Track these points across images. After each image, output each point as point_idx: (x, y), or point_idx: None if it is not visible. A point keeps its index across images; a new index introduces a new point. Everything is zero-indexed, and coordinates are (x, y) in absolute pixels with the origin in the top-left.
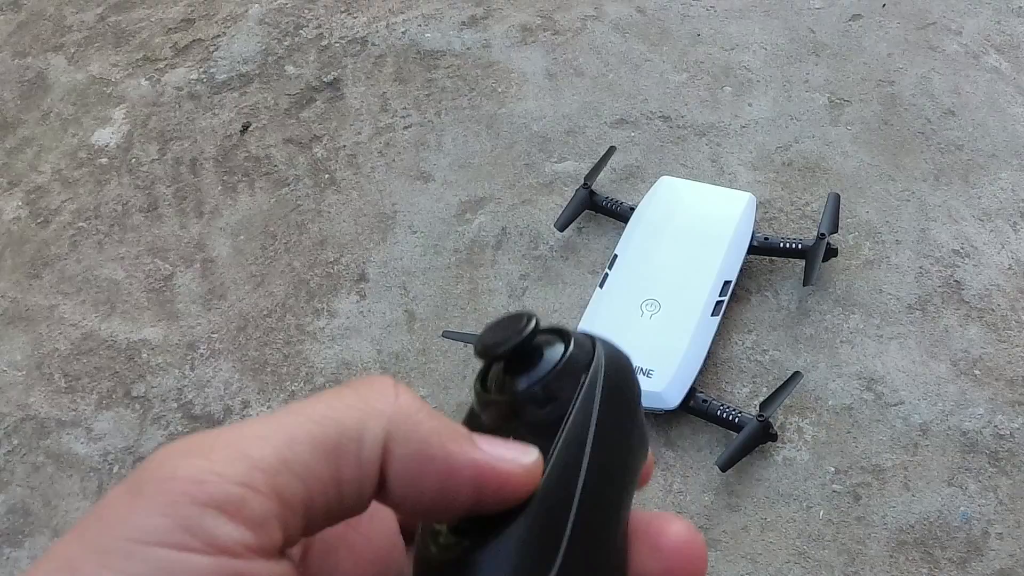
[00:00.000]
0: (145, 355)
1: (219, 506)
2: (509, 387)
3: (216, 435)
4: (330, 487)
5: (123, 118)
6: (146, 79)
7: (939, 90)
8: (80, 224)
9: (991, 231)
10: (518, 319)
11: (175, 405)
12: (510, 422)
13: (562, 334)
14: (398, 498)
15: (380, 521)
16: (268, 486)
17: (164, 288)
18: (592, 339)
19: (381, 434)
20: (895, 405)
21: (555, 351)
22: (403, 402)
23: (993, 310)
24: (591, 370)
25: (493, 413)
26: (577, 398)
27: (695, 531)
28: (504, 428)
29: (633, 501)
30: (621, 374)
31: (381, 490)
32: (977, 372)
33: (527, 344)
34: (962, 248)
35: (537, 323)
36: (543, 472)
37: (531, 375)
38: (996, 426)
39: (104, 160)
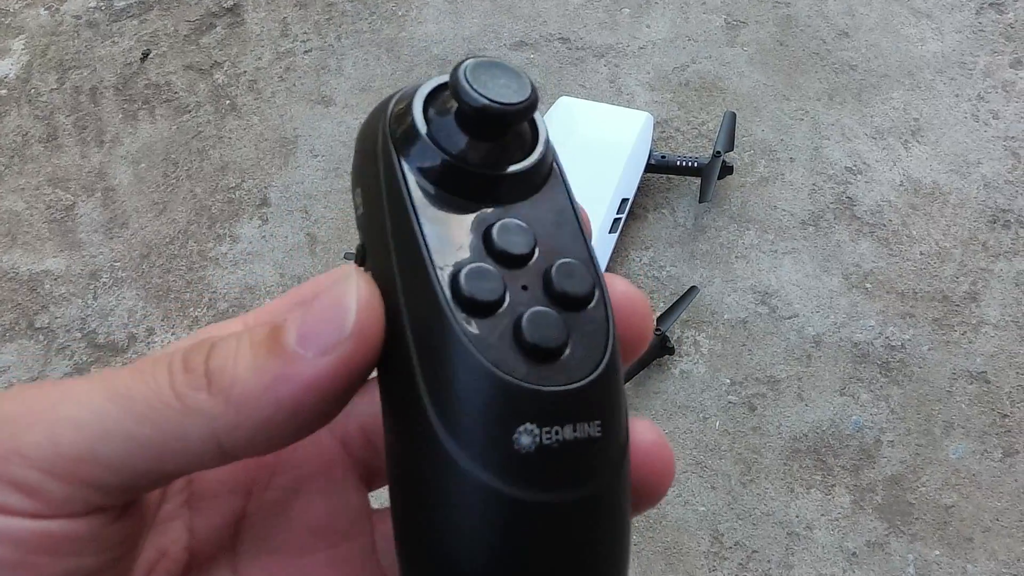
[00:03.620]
0: (48, 286)
1: (16, 485)
2: (493, 157)
3: (34, 409)
4: (151, 469)
5: (22, 48)
6: (45, 8)
7: (834, 12)
8: None
9: (883, 149)
10: (510, 73)
11: (79, 335)
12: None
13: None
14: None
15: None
16: (71, 475)
17: (66, 218)
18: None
19: (206, 436)
20: (789, 318)
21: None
22: (216, 403)
23: (884, 225)
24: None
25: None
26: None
27: (661, 435)
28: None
29: None
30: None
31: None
32: (868, 285)
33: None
34: (855, 165)
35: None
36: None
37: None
38: (887, 337)
39: (3, 92)
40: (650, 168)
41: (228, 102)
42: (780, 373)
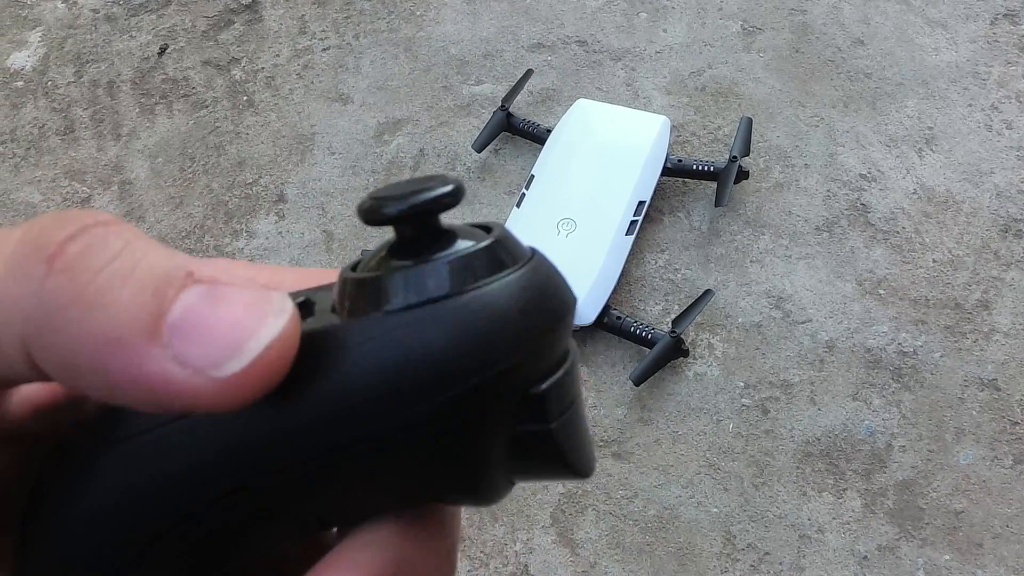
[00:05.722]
0: None
1: None
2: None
3: None
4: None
5: (39, 41)
6: (62, 1)
7: (849, 20)
8: None
9: (897, 156)
10: (432, 178)
11: None
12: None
13: (490, 228)
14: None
15: None
16: None
17: None
18: (532, 250)
19: (16, 338)
20: (802, 323)
21: (472, 240)
22: (50, 288)
23: (898, 232)
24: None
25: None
26: None
27: None
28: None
29: None
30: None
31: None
32: (882, 292)
33: (436, 205)
34: (869, 172)
35: (459, 188)
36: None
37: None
38: (900, 343)
39: (20, 83)
40: (666, 171)
41: (245, 98)
42: (793, 377)
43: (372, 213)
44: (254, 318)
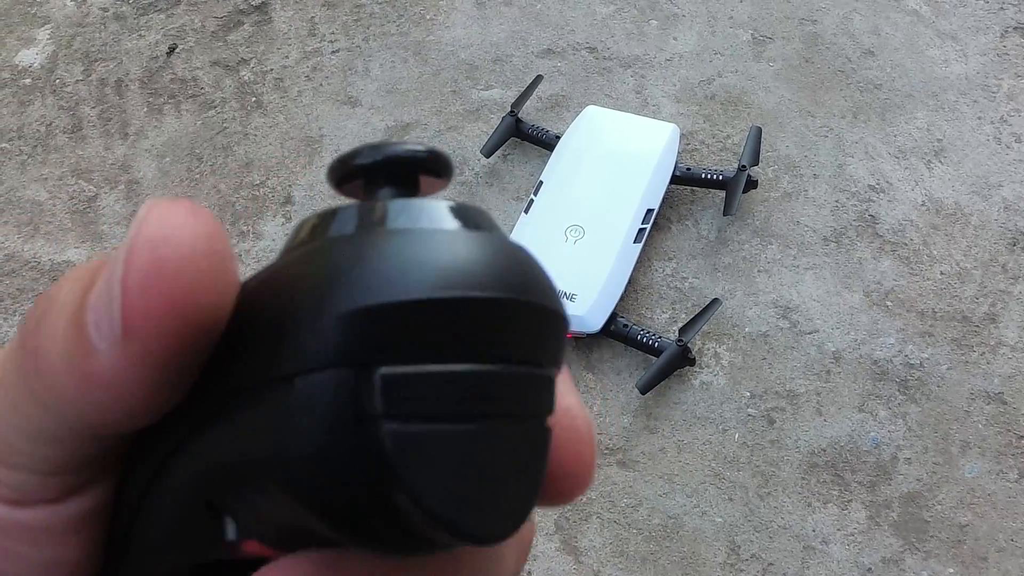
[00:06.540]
0: None
1: None
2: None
3: None
4: (85, 441)
5: (48, 38)
6: None
7: (860, 30)
8: (3, 145)
9: (906, 168)
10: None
11: None
12: None
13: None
14: None
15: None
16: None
17: (88, 209)
18: (520, 245)
19: (60, 425)
20: (809, 333)
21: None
22: (57, 393)
23: (906, 244)
24: None
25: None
26: None
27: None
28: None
29: None
30: None
31: None
32: (889, 303)
33: (414, 162)
34: (877, 184)
35: (442, 155)
36: None
37: None
38: (906, 355)
39: (28, 81)
40: (675, 180)
41: (254, 99)
42: (799, 388)
43: (342, 166)
44: (113, 258)
